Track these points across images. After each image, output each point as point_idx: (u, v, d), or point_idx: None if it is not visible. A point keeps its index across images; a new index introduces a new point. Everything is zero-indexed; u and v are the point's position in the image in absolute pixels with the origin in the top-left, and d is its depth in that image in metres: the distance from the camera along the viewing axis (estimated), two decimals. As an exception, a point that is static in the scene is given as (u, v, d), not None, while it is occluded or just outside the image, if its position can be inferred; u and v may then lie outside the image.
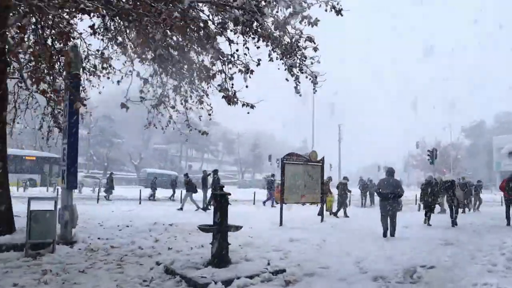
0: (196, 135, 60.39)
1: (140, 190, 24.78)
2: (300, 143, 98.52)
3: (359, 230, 12.24)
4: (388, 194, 10.70)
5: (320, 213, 14.19)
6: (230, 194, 6.67)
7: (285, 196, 12.43)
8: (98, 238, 9.48)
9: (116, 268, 6.75)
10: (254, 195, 24.70)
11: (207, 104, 11.71)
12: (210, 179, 19.61)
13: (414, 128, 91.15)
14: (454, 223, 13.54)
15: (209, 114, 12.03)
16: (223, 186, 6.85)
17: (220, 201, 6.50)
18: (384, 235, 10.76)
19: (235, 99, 8.76)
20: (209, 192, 18.76)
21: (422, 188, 14.61)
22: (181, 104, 11.88)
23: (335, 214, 16.37)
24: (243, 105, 8.68)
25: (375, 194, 14.12)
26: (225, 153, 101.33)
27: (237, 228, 6.77)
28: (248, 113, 8.77)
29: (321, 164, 13.64)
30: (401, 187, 11.06)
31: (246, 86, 8.40)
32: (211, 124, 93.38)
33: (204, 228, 6.66)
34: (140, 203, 22.02)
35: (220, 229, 6.44)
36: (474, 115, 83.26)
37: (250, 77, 8.79)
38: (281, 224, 12.36)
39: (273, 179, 22.52)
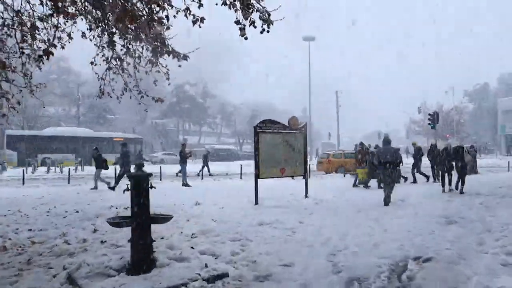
0: (193, 109, 58.30)
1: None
2: (300, 112, 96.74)
3: (347, 206, 10.59)
4: (387, 163, 10.83)
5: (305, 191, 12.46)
6: (151, 174, 4.94)
7: (261, 170, 10.70)
8: (29, 230, 7.89)
9: (11, 277, 5.09)
10: (241, 168, 23.01)
11: (163, 66, 9.79)
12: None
13: (416, 94, 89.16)
14: (461, 191, 13.05)
15: (167, 78, 10.14)
16: (143, 164, 5.06)
17: (137, 185, 4.76)
18: (386, 203, 10.67)
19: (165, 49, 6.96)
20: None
21: (441, 154, 14.12)
22: (134, 67, 9.88)
23: (366, 185, 15.70)
24: (173, 56, 6.87)
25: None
26: (223, 126, 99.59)
27: (165, 219, 5.06)
28: (179, 66, 7.04)
29: (303, 131, 11.84)
30: (399, 154, 11.39)
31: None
32: (208, 96, 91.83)
33: (114, 223, 4.93)
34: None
35: (139, 222, 4.73)
36: (478, 78, 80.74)
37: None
38: (256, 202, 10.68)
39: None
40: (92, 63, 8.86)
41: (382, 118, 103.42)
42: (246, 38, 5.83)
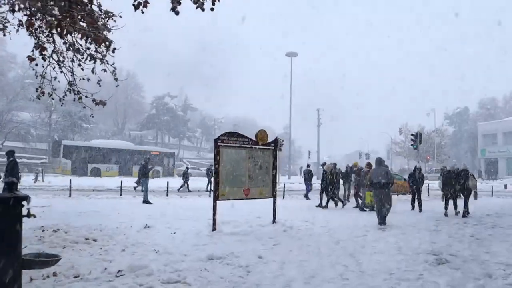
0: (173, 121, 57.30)
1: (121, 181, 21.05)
2: (282, 129, 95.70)
3: (322, 235, 9.13)
4: (379, 183, 10.86)
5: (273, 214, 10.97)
6: (26, 197, 3.40)
7: (221, 190, 9.18)
8: None
9: None
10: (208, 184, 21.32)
11: (108, 64, 8.31)
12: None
13: (397, 115, 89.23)
14: (464, 214, 12.94)
15: (115, 79, 8.67)
16: (14, 182, 3.48)
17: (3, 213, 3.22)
18: (380, 223, 10.74)
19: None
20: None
21: (446, 176, 13.92)
22: (72, 61, 8.33)
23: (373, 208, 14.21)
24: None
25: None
26: (203, 140, 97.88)
27: (45, 263, 3.51)
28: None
29: (272, 148, 10.39)
30: (391, 175, 11.34)
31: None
32: (189, 109, 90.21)
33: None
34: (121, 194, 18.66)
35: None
36: (458, 102, 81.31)
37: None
38: (214, 228, 9.13)
39: (310, 169, 21.48)
40: (30, 58, 7.32)
41: (363, 138, 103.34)
42: (177, 13, 4.38)
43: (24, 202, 3.39)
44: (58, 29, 5.85)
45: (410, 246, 7.87)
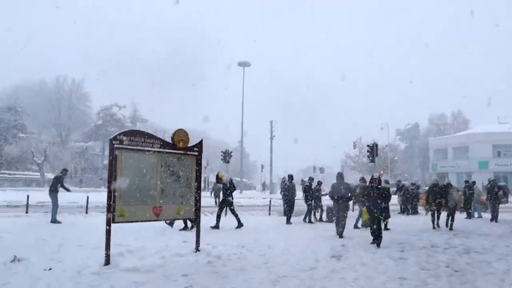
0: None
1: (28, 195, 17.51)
2: (236, 143, 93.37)
3: (257, 269, 6.81)
4: (340, 197, 11.19)
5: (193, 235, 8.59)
6: None
7: (118, 208, 6.66)
8: None
9: None
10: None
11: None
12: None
13: (352, 130, 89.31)
14: (451, 227, 13.07)
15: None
16: None
17: None
18: (340, 236, 10.86)
19: None
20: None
21: (430, 190, 14.01)
22: None
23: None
24: None
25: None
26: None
27: None
28: None
29: (196, 153, 7.99)
30: (352, 189, 11.82)
31: None
32: (138, 120, 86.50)
33: None
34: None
35: None
36: (409, 118, 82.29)
37: None
38: (107, 262, 6.61)
39: (309, 184, 15.63)
40: None
41: (318, 153, 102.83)
42: None
43: None
44: None
45: (374, 286, 5.71)
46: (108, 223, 6.56)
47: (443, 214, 13.69)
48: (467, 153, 51.23)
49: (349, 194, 11.32)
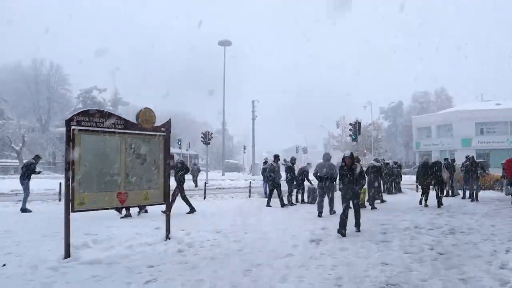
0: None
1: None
2: (220, 125, 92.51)
3: (230, 258, 6.35)
4: (325, 177, 11.30)
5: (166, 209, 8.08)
6: None
7: (78, 196, 6.09)
8: None
9: None
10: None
11: None
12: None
13: (335, 109, 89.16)
14: (439, 205, 13.22)
15: None
16: None
17: None
18: (319, 215, 10.99)
19: None
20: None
21: (420, 169, 14.05)
22: None
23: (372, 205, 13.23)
24: None
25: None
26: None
27: None
28: None
29: (164, 133, 7.40)
30: (336, 170, 10.99)
31: None
32: (120, 103, 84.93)
33: None
34: None
35: None
36: (393, 96, 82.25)
37: None
38: (67, 254, 6.07)
39: (291, 164, 14.89)
40: None
41: (301, 132, 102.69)
42: None
43: None
44: None
45: (354, 275, 5.28)
46: (67, 212, 6.00)
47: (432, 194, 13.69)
48: (451, 131, 51.41)
49: (334, 175, 11.29)
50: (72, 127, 6.02)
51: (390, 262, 5.88)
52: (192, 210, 11.93)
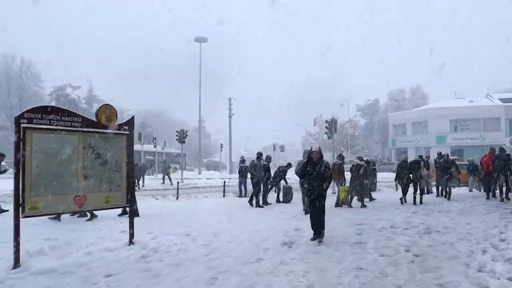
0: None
1: None
2: (196, 123, 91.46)
3: (193, 263, 5.96)
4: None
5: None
6: None
7: (29, 199, 5.58)
8: None
9: None
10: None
11: None
12: None
13: (313, 107, 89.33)
14: (421, 202, 13.43)
15: None
16: None
17: None
18: (306, 213, 10.45)
19: None
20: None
21: (400, 167, 13.95)
22: None
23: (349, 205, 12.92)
24: None
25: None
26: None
27: None
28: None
29: (126, 132, 6.95)
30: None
31: None
32: (95, 101, 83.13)
33: None
34: None
35: None
36: (370, 94, 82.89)
37: None
38: (16, 264, 5.57)
39: (265, 164, 14.23)
40: None
41: (279, 130, 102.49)
42: None
43: None
44: None
45: (326, 281, 4.97)
46: (16, 218, 5.49)
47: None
48: (426, 128, 51.96)
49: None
50: (22, 125, 5.52)
51: (365, 267, 5.60)
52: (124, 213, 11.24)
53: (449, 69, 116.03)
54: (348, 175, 13.85)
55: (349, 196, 13.02)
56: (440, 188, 16.07)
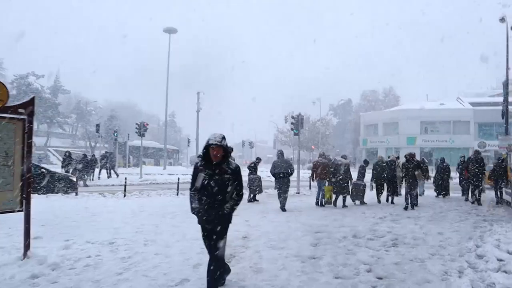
0: (40, 105, 48.15)
1: None
2: (170, 116, 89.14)
3: (97, 284, 4.61)
4: (280, 173, 11.62)
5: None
6: None
7: None
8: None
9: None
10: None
11: None
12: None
13: (286, 105, 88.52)
14: (392, 201, 13.39)
15: None
16: None
17: None
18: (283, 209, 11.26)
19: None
20: None
21: (375, 167, 14.02)
22: None
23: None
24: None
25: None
26: (79, 127, 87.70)
27: None
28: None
29: (22, 117, 5.46)
30: (292, 166, 12.05)
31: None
32: (60, 91, 79.72)
33: None
34: None
35: None
36: (342, 94, 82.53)
37: None
38: None
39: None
40: None
41: (252, 127, 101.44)
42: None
43: None
44: None
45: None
46: None
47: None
48: (397, 129, 51.73)
49: (289, 170, 11.69)
50: None
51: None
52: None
53: (422, 72, 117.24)
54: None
55: (335, 195, 12.55)
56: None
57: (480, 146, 29.03)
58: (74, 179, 16.10)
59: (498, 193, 13.67)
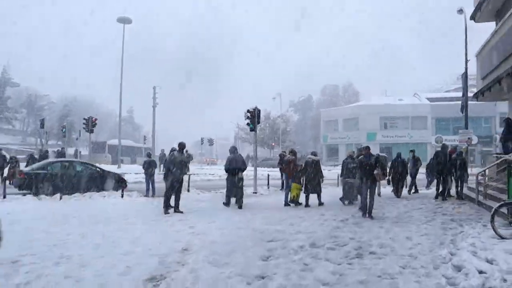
0: None
1: None
2: (126, 113, 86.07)
3: None
4: (234, 169, 11.63)
5: None
6: None
7: None
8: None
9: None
10: None
11: None
12: None
13: (247, 101, 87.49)
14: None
15: None
16: None
17: None
18: (227, 205, 11.54)
19: None
20: None
21: (347, 164, 12.67)
22: None
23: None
24: None
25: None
26: (30, 123, 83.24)
27: None
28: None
29: None
30: (245, 162, 12.12)
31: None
32: (9, 84, 74.88)
33: None
34: None
35: None
36: (303, 90, 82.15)
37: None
38: None
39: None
40: None
41: (213, 124, 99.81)
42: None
43: None
44: None
45: None
46: None
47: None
48: (357, 125, 51.70)
49: (243, 167, 11.76)
50: None
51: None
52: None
53: (380, 67, 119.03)
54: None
55: (306, 194, 11.94)
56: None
57: (437, 141, 29.09)
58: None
59: (459, 188, 13.33)
